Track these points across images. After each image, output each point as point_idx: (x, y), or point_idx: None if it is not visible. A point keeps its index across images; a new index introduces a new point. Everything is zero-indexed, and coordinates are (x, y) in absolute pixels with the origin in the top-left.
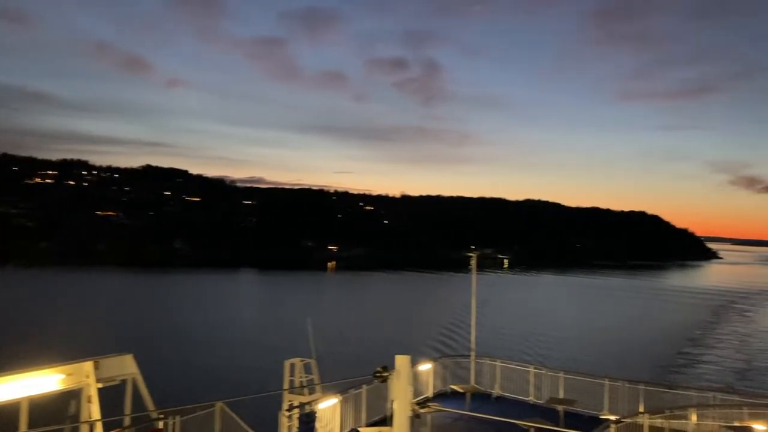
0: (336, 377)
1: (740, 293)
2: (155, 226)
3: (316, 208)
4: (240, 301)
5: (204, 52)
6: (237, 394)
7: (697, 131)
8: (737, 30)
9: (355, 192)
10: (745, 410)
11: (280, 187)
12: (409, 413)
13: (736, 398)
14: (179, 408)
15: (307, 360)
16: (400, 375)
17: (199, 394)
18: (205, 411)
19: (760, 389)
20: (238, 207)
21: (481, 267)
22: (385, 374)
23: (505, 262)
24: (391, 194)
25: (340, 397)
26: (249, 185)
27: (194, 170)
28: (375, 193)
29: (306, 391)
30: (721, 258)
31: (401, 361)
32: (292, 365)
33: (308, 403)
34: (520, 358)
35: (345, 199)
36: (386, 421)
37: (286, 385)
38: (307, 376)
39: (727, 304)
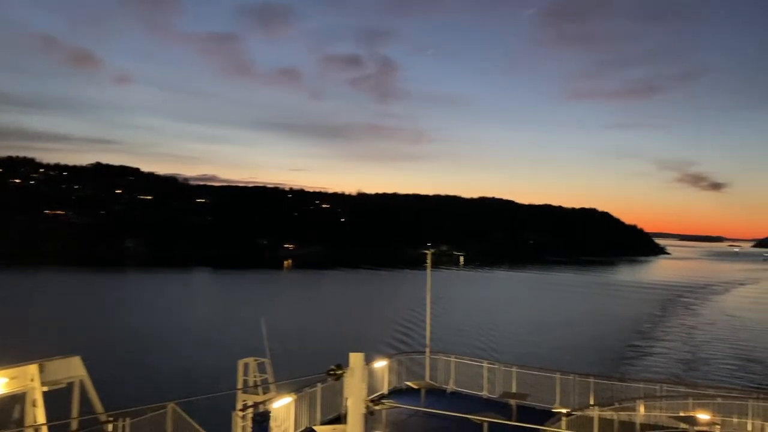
0: (291, 376)
1: (686, 287)
2: (106, 225)
3: (271, 206)
4: (193, 301)
5: (155, 47)
6: (190, 394)
7: (646, 130)
8: (684, 32)
9: (311, 190)
10: (690, 400)
11: (233, 185)
12: (363, 410)
13: (682, 389)
14: (129, 410)
15: (262, 359)
16: (354, 372)
17: (151, 395)
18: (156, 412)
19: (704, 379)
20: (191, 205)
21: (437, 264)
22: (339, 372)
23: (461, 258)
24: (347, 192)
25: (295, 396)
26: (202, 183)
27: (146, 168)
28: (331, 190)
29: (260, 390)
30: (668, 253)
31: (355, 358)
32: (246, 365)
33: (262, 402)
34: (475, 354)
35: (300, 196)
36: (341, 419)
37: (239, 385)
38: (261, 376)
39: (674, 298)
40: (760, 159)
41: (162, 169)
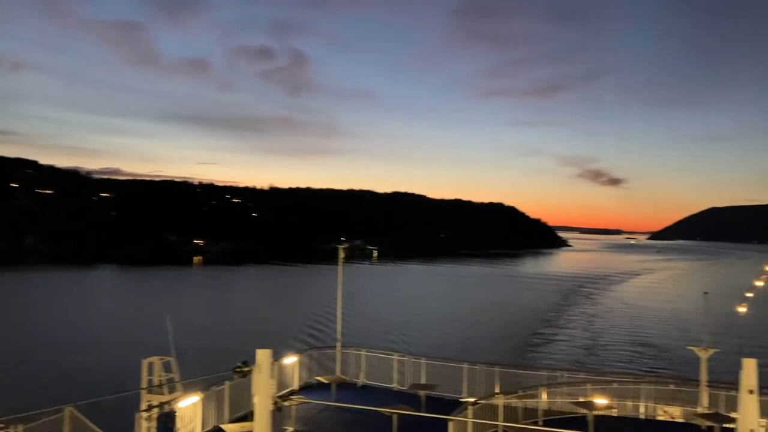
0: (198, 374)
1: (587, 278)
2: (4, 221)
3: (180, 201)
4: (97, 300)
5: (53, 33)
6: (90, 396)
7: (550, 127)
8: (587, 34)
9: (221, 184)
10: (589, 386)
11: (139, 179)
12: (271, 407)
13: (581, 375)
14: (22, 415)
15: (167, 358)
16: (260, 369)
17: (48, 398)
18: (52, 417)
19: (603, 364)
20: (95, 200)
21: (351, 258)
22: (246, 369)
23: (375, 253)
24: (258, 186)
25: (202, 395)
26: (105, 177)
27: (44, 160)
28: (242, 185)
29: (165, 390)
30: (570, 246)
31: (262, 355)
32: (151, 364)
33: (167, 402)
34: (387, 347)
35: (210, 191)
36: (250, 416)
37: (143, 385)
38: (166, 375)
39: (576, 288)
40: (655, 156)
41: (62, 162)
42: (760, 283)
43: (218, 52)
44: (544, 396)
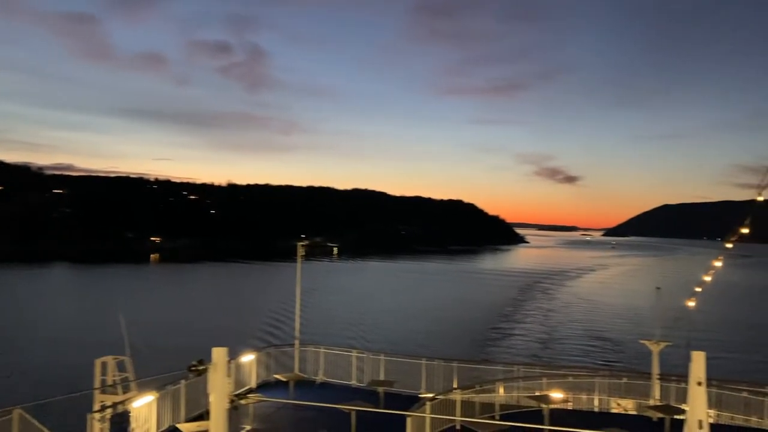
0: (154, 373)
1: (544, 273)
2: None
3: (136, 198)
4: (49, 298)
5: (2, 26)
6: (41, 397)
7: (508, 126)
8: (545, 33)
9: (178, 180)
10: (545, 380)
11: (93, 175)
12: (227, 406)
13: (537, 370)
14: None
15: (121, 357)
16: (216, 368)
17: None
18: (0, 419)
19: (558, 358)
20: (48, 197)
21: (311, 255)
22: (201, 368)
23: (335, 249)
24: (216, 183)
25: (157, 394)
26: (58, 173)
27: None
28: (199, 181)
29: (119, 389)
30: (527, 242)
31: (218, 353)
32: (104, 363)
33: (121, 402)
34: (347, 344)
35: (167, 187)
36: (206, 415)
37: (97, 385)
38: (120, 374)
39: (533, 284)
40: (610, 154)
41: (12, 157)
42: (708, 278)
43: (175, 46)
44: (501, 390)
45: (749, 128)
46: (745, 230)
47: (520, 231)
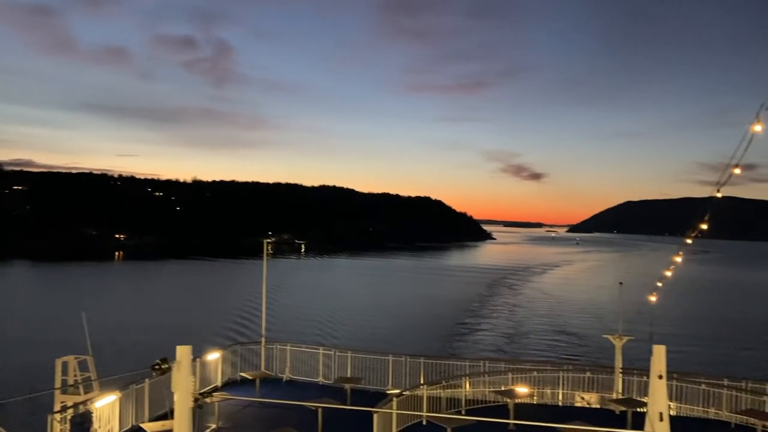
0: (117, 373)
1: (510, 269)
2: None
3: (99, 194)
4: (9, 296)
5: None
6: None
7: (475, 123)
8: (509, 31)
9: (142, 176)
10: (510, 375)
11: (54, 170)
12: (191, 404)
13: (503, 365)
14: None
15: (83, 356)
16: (180, 366)
17: None
18: None
19: (524, 353)
20: (7, 193)
21: (279, 253)
22: (165, 366)
23: (302, 246)
24: (182, 179)
25: (120, 394)
26: (17, 169)
27: None
28: (164, 177)
29: (81, 389)
30: (494, 239)
31: (182, 351)
32: (65, 363)
33: (83, 402)
34: (314, 341)
35: (131, 184)
36: (170, 414)
37: (57, 385)
38: (82, 374)
39: (500, 279)
40: (574, 152)
41: None
42: (668, 273)
43: (138, 40)
44: (467, 386)
45: (709, 126)
46: (704, 226)
47: (487, 228)
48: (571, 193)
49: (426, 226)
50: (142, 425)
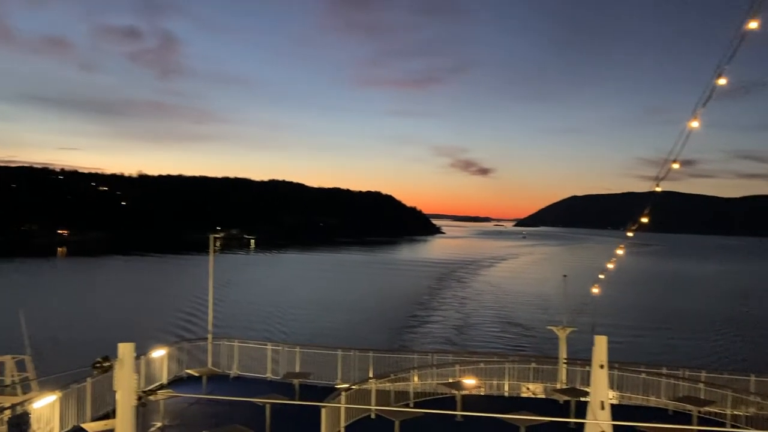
0: (57, 372)
1: (459, 263)
2: None
3: (40, 189)
4: None
5: None
6: None
7: (425, 118)
8: (457, 27)
9: (86, 171)
10: (458, 367)
11: None
12: (134, 403)
13: (450, 357)
14: None
15: (21, 356)
16: (122, 364)
17: None
18: None
19: (472, 344)
20: None
21: (228, 248)
22: (107, 364)
23: (252, 242)
24: (127, 173)
25: (60, 394)
26: None
27: None
28: (108, 172)
29: (19, 390)
30: (443, 233)
31: (124, 348)
32: (1, 363)
33: (21, 403)
34: (264, 337)
35: (74, 178)
36: (113, 414)
37: None
38: (20, 374)
39: (449, 273)
40: (521, 147)
41: None
42: (610, 266)
43: (80, 30)
44: (416, 378)
45: (651, 123)
46: (644, 220)
47: (436, 222)
48: (518, 188)
49: (376, 220)
50: (83, 425)
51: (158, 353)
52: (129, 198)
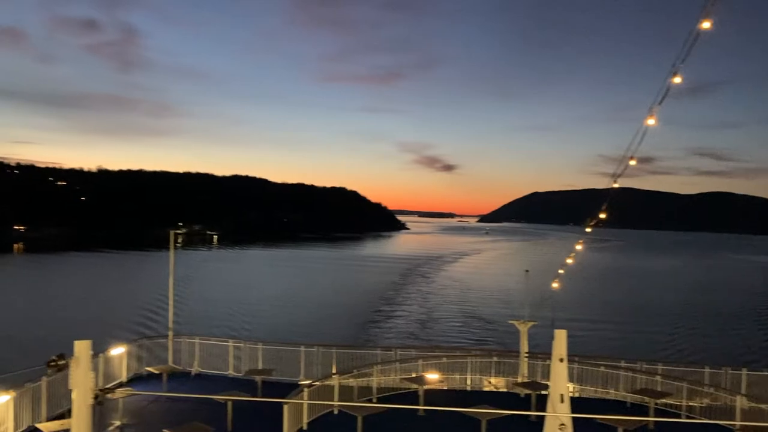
0: (11, 371)
1: (423, 258)
2: None
3: None
4: None
5: None
6: None
7: (390, 114)
8: (422, 24)
9: (43, 165)
10: (421, 362)
11: None
12: (91, 401)
13: (414, 352)
14: None
15: None
16: (79, 362)
17: None
18: None
19: (435, 338)
20: None
21: (190, 244)
22: (62, 362)
23: (215, 237)
24: (86, 168)
25: (14, 393)
26: None
27: None
28: (67, 166)
29: None
30: (408, 229)
31: (80, 346)
32: None
33: None
34: (225, 334)
35: (30, 172)
36: (68, 413)
37: None
38: None
39: (414, 268)
40: (485, 144)
41: None
42: (570, 261)
43: (36, 20)
44: (379, 374)
45: (611, 121)
46: (602, 216)
47: (401, 218)
48: (482, 184)
49: (341, 216)
50: (38, 425)
51: (117, 351)
52: (88, 193)
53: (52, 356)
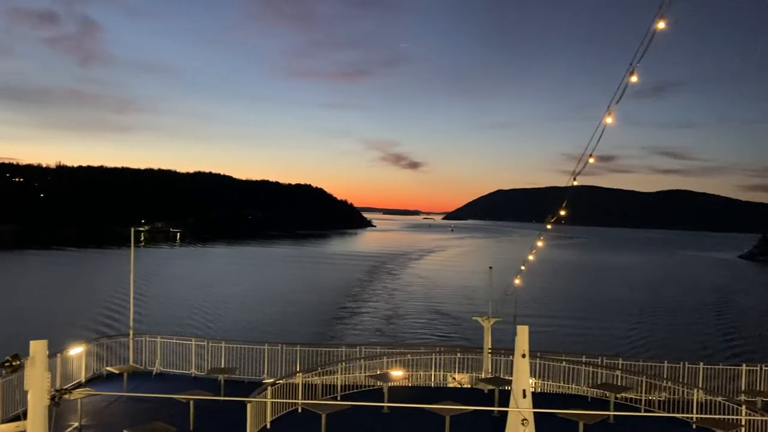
0: None
1: (389, 255)
2: None
3: None
4: None
5: None
6: None
7: (356, 111)
8: (388, 20)
9: None
10: (385, 359)
11: None
12: (47, 403)
13: (378, 349)
14: None
15: None
16: (34, 362)
17: None
18: None
19: (400, 334)
20: None
21: (153, 241)
22: (16, 363)
23: (178, 235)
24: (44, 164)
25: None
26: None
27: None
28: (24, 162)
29: None
30: (374, 226)
31: (36, 346)
32: None
33: None
34: (188, 332)
35: None
36: (24, 415)
37: None
38: None
39: (379, 265)
40: (450, 142)
41: None
42: (531, 257)
43: None
44: (343, 371)
45: (573, 119)
46: (562, 213)
47: (367, 215)
48: (447, 182)
49: (307, 213)
50: None
51: (76, 350)
52: (47, 189)
53: (6, 357)
